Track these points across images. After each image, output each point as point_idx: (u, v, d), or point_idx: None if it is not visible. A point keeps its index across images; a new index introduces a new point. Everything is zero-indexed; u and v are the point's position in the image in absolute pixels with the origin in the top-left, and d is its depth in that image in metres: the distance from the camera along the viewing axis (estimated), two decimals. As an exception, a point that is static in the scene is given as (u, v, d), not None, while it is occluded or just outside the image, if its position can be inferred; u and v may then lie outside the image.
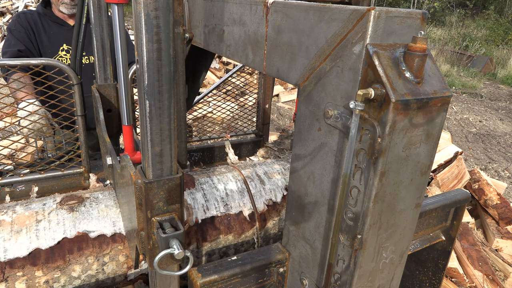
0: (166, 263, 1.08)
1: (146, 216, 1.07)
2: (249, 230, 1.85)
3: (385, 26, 0.84)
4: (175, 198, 1.09)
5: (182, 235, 1.05)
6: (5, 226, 1.48)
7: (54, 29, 2.73)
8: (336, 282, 1.03)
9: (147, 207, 1.05)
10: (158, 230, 1.06)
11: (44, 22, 2.72)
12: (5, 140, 2.09)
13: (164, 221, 1.08)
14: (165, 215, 1.09)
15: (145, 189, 1.03)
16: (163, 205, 1.07)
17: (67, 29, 2.75)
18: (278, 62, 1.11)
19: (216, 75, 7.86)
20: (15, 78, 2.15)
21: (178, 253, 1.02)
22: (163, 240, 1.03)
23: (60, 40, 2.73)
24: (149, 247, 1.10)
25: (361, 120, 0.86)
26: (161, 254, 1.03)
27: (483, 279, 3.04)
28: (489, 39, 16.88)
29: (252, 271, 1.21)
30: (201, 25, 1.52)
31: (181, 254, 1.02)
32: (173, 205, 1.09)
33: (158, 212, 1.07)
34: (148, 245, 1.10)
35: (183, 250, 1.03)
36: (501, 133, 7.88)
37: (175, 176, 1.07)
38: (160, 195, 1.06)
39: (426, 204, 1.67)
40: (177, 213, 1.11)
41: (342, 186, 0.92)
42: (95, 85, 2.01)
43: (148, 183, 1.02)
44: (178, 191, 1.09)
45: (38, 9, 2.78)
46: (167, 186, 1.06)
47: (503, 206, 3.82)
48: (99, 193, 1.72)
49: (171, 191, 1.07)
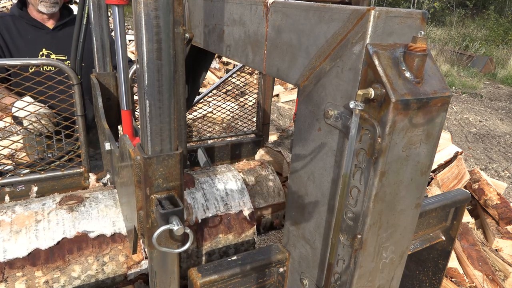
0: (165, 241, 1.05)
1: (145, 193, 1.04)
2: (249, 229, 1.85)
3: (385, 26, 0.84)
4: (175, 176, 1.06)
5: (182, 211, 1.03)
6: (5, 226, 1.48)
7: (31, 33, 2.51)
8: (336, 282, 1.03)
9: (146, 184, 1.03)
10: (157, 206, 1.03)
11: (19, 26, 2.49)
12: (5, 140, 2.09)
13: (164, 199, 1.05)
14: (164, 192, 1.06)
15: (144, 165, 1.00)
16: (163, 182, 1.05)
17: (46, 32, 2.54)
18: (278, 62, 1.11)
19: (216, 75, 7.85)
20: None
21: (178, 229, 0.99)
22: (162, 217, 1.01)
23: (38, 45, 2.52)
24: (147, 226, 1.07)
25: (361, 120, 0.86)
26: (160, 229, 1.00)
27: (483, 279, 3.04)
28: (489, 39, 16.88)
29: (252, 271, 1.21)
30: (201, 25, 1.52)
31: (181, 230, 1.00)
32: (172, 182, 1.06)
33: (157, 189, 1.05)
34: (147, 224, 1.07)
35: (182, 226, 1.00)
36: (501, 133, 7.88)
37: (175, 153, 1.04)
38: (160, 172, 1.03)
39: (426, 204, 1.67)
40: (176, 191, 1.08)
41: (342, 186, 0.92)
42: (94, 74, 1.97)
43: (147, 159, 1.00)
44: (178, 168, 1.06)
45: (13, 11, 2.54)
46: (167, 163, 1.03)
47: (503, 206, 3.82)
48: (99, 193, 1.72)
49: (171, 168, 1.04)
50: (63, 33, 2.60)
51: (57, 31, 2.59)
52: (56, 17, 2.60)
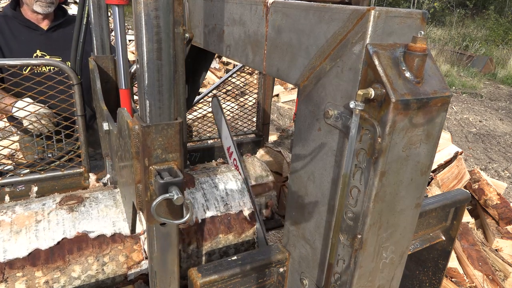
0: (164, 212, 1.02)
1: (144, 164, 1.01)
2: (249, 229, 1.85)
3: (385, 26, 0.84)
4: (174, 147, 1.03)
5: (182, 182, 1.00)
6: (5, 226, 1.48)
7: (25, 34, 2.45)
8: (336, 282, 1.03)
9: (145, 154, 1.00)
10: (156, 177, 1.00)
11: (13, 27, 2.44)
12: (5, 140, 2.10)
13: (163, 170, 1.02)
14: (164, 164, 1.03)
15: (142, 134, 0.98)
16: (162, 153, 1.02)
17: (40, 33, 2.49)
18: (278, 62, 1.11)
19: (216, 75, 7.85)
20: None
21: (177, 198, 0.96)
22: (161, 187, 0.98)
23: (32, 46, 2.46)
24: (146, 199, 1.04)
25: (361, 120, 0.86)
26: (159, 198, 0.97)
27: (483, 279, 3.04)
28: (489, 39, 16.88)
29: (252, 271, 1.21)
30: (201, 25, 1.52)
31: (181, 199, 0.97)
32: (172, 154, 1.03)
33: (156, 160, 1.02)
34: (146, 196, 1.04)
35: (182, 196, 0.97)
36: (501, 133, 7.87)
37: (174, 122, 1.01)
38: (159, 142, 1.00)
39: (426, 204, 1.67)
40: (176, 162, 1.05)
41: (342, 186, 0.92)
42: (93, 57, 1.94)
43: (145, 127, 0.97)
44: (177, 138, 1.03)
45: (6, 11, 2.48)
46: (166, 132, 1.00)
47: (503, 206, 3.81)
48: (99, 193, 1.72)
49: (170, 138, 1.02)
50: (57, 34, 2.56)
51: (52, 32, 2.54)
52: (50, 18, 2.56)
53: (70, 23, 2.64)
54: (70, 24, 2.63)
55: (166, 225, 1.13)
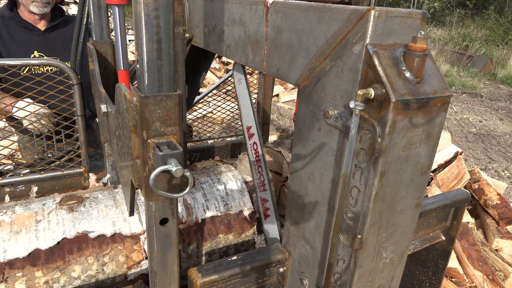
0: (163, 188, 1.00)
1: (142, 138, 0.98)
2: (249, 229, 1.85)
3: (385, 26, 0.84)
4: (174, 120, 1.00)
5: (181, 154, 0.97)
6: (5, 226, 1.48)
7: (22, 35, 2.44)
8: (336, 282, 1.03)
9: (143, 126, 0.97)
10: (155, 149, 0.97)
11: (10, 28, 2.43)
12: (5, 140, 2.10)
13: (161, 144, 0.99)
14: (163, 137, 1.00)
15: (140, 106, 0.95)
16: (160, 126, 0.99)
17: (37, 34, 2.47)
18: (278, 62, 1.11)
19: (216, 75, 7.86)
20: None
21: (177, 169, 0.93)
22: (160, 159, 0.95)
23: (30, 47, 2.45)
24: (144, 174, 1.00)
25: (361, 120, 0.86)
26: (157, 169, 0.94)
27: (483, 279, 3.04)
28: (489, 39, 16.88)
29: (252, 271, 1.21)
30: (201, 25, 1.52)
31: (180, 171, 0.93)
32: (171, 127, 1.01)
33: (154, 133, 0.99)
34: (144, 172, 1.00)
35: (181, 167, 0.94)
36: (501, 133, 7.87)
37: (173, 93, 0.99)
38: (157, 114, 0.98)
39: (426, 204, 1.67)
40: (175, 136, 1.02)
41: (342, 186, 0.92)
42: (91, 41, 1.91)
43: (144, 98, 0.95)
44: (176, 111, 1.00)
45: (3, 12, 2.46)
46: (165, 104, 0.98)
47: (503, 206, 3.82)
48: (99, 193, 1.72)
49: (169, 110, 0.99)
50: (55, 34, 2.55)
51: (49, 32, 2.53)
52: (47, 18, 2.54)
53: (67, 23, 2.63)
54: (68, 25, 2.63)
55: (166, 225, 1.13)
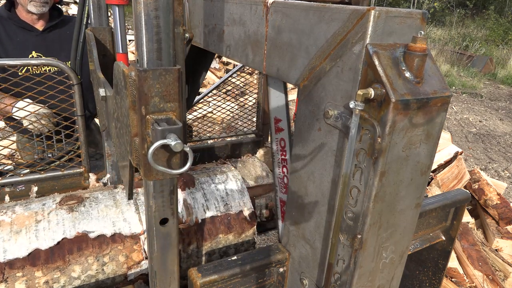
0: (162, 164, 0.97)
1: (140, 114, 0.96)
2: (249, 229, 1.85)
3: (385, 26, 0.84)
4: (173, 95, 0.98)
5: (180, 129, 0.95)
6: (5, 226, 1.48)
7: (20, 36, 2.44)
8: (336, 282, 1.03)
9: (141, 102, 0.95)
10: (154, 125, 0.94)
11: (8, 28, 2.43)
12: (5, 140, 2.10)
13: (160, 120, 0.96)
14: (162, 114, 0.97)
15: (138, 80, 0.93)
16: (159, 101, 0.97)
17: (36, 34, 2.48)
18: (278, 62, 1.11)
19: (216, 75, 7.85)
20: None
21: (176, 143, 0.90)
22: (159, 133, 0.92)
23: (28, 47, 2.45)
24: (143, 152, 0.98)
25: (361, 120, 0.86)
26: (156, 143, 0.91)
27: (483, 279, 3.04)
28: (489, 39, 16.89)
29: (252, 271, 1.21)
30: (201, 25, 1.52)
31: (180, 146, 0.91)
32: (170, 103, 0.98)
33: (153, 109, 0.97)
34: (143, 149, 0.98)
35: (181, 142, 0.91)
36: (501, 133, 7.88)
37: (172, 68, 0.96)
38: (156, 89, 0.95)
39: (426, 204, 1.67)
40: (175, 113, 0.99)
41: (342, 186, 0.92)
42: (90, 28, 1.89)
43: (142, 71, 0.92)
44: (176, 86, 0.98)
45: (1, 12, 2.47)
46: (164, 79, 0.95)
47: (503, 206, 3.82)
48: (99, 193, 1.72)
49: (169, 85, 0.97)
50: (53, 35, 2.55)
51: (47, 33, 2.53)
52: (45, 18, 2.54)
53: (66, 23, 2.62)
54: (66, 25, 2.62)
55: (166, 225, 1.13)
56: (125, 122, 1.08)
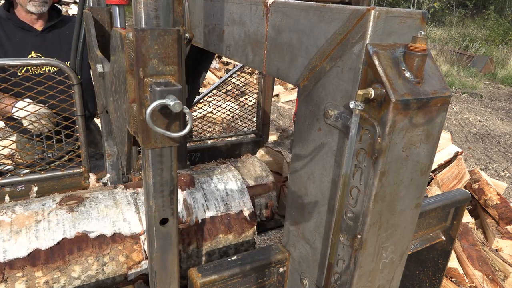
0: (161, 126, 0.93)
1: (138, 77, 0.92)
2: (249, 229, 1.85)
3: (385, 26, 0.84)
4: (172, 58, 0.94)
5: (180, 91, 0.91)
6: (5, 226, 1.48)
7: (19, 36, 2.44)
8: (336, 282, 1.03)
9: (139, 64, 0.91)
10: (152, 86, 0.91)
11: (7, 29, 2.43)
12: (5, 140, 2.10)
13: (159, 84, 0.92)
14: (160, 77, 0.94)
15: (136, 40, 0.89)
16: (158, 64, 0.93)
17: (35, 35, 2.48)
18: (278, 62, 1.11)
19: (216, 75, 7.86)
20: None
21: (175, 103, 0.86)
22: (158, 94, 0.89)
23: (27, 47, 2.45)
24: (141, 117, 0.94)
25: (361, 120, 0.86)
26: (154, 103, 0.87)
27: (483, 279, 3.04)
28: (489, 39, 16.89)
29: (252, 271, 1.21)
30: (201, 25, 1.52)
31: (179, 106, 0.87)
32: (169, 66, 0.94)
33: (151, 72, 0.93)
34: (141, 115, 0.94)
35: (180, 102, 0.88)
36: (501, 133, 7.88)
37: (171, 28, 0.93)
38: (155, 50, 0.92)
39: (426, 204, 1.67)
40: (174, 77, 0.96)
41: (342, 186, 0.92)
42: (88, 8, 1.87)
43: (140, 31, 0.89)
44: (175, 48, 0.94)
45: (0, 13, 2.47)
46: (163, 40, 0.92)
47: (503, 206, 3.82)
48: (99, 193, 1.72)
49: (167, 47, 0.93)
50: (52, 35, 2.54)
51: (46, 33, 2.52)
52: (44, 18, 2.53)
53: (65, 23, 2.62)
54: (65, 25, 2.61)
55: (166, 225, 1.13)
56: (123, 90, 1.03)
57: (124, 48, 0.94)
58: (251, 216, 1.86)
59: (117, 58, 1.09)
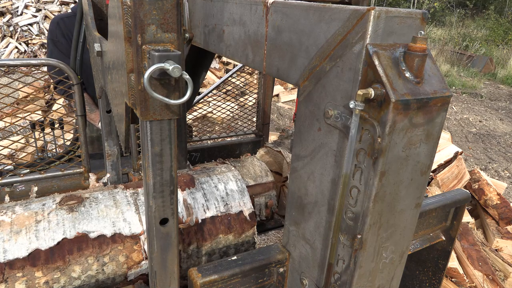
0: (159, 92, 0.90)
1: (136, 44, 0.89)
2: (249, 229, 1.85)
3: (385, 26, 0.84)
4: (171, 25, 0.92)
5: (179, 57, 0.88)
6: (5, 226, 1.48)
7: None
8: (336, 282, 1.03)
9: (137, 30, 0.88)
10: (150, 52, 0.88)
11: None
12: (5, 140, 2.10)
13: (158, 51, 0.89)
14: (159, 45, 0.92)
15: (134, 5, 0.86)
16: (157, 30, 0.90)
17: None
18: (278, 62, 1.11)
19: (216, 75, 7.85)
20: None
21: (174, 67, 0.84)
22: (156, 59, 0.86)
23: None
24: (139, 87, 0.91)
25: (361, 120, 0.86)
26: (152, 67, 0.85)
27: (483, 279, 3.04)
28: (489, 39, 16.89)
29: (252, 271, 1.21)
30: (201, 25, 1.52)
31: (178, 70, 0.85)
32: (168, 33, 0.92)
33: (150, 39, 0.90)
34: (139, 85, 0.91)
35: (179, 67, 0.85)
36: (501, 133, 7.88)
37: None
38: (153, 15, 0.89)
39: (426, 204, 1.67)
40: (173, 45, 0.94)
41: (342, 186, 0.92)
42: None
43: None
44: (174, 14, 0.91)
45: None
46: (161, 4, 0.89)
47: (503, 206, 3.82)
48: (99, 193, 1.72)
49: (167, 13, 0.90)
50: None
51: None
52: None
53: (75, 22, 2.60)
54: None
55: (166, 225, 1.13)
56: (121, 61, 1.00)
57: (122, 16, 0.91)
58: (251, 216, 1.86)
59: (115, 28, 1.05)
